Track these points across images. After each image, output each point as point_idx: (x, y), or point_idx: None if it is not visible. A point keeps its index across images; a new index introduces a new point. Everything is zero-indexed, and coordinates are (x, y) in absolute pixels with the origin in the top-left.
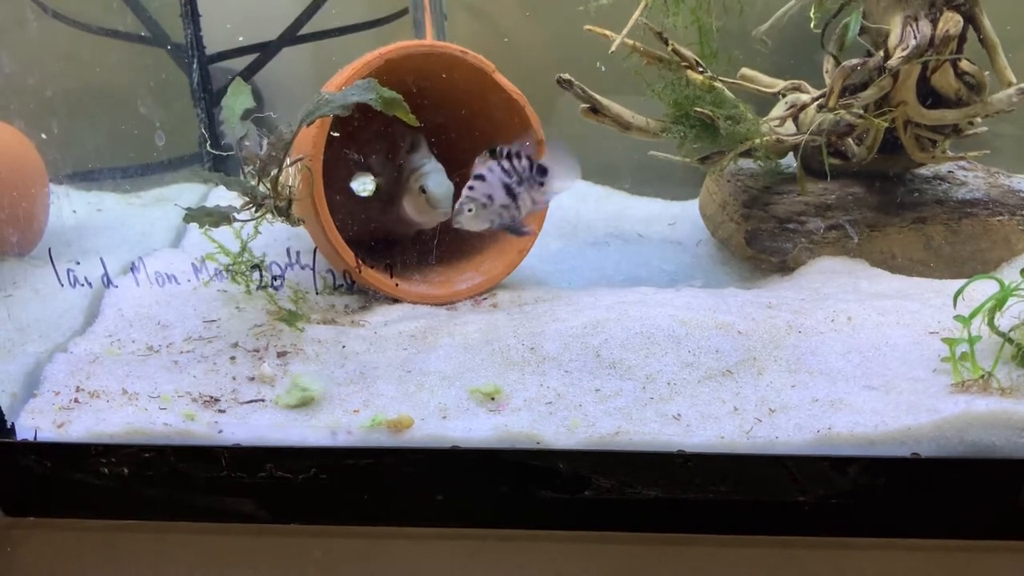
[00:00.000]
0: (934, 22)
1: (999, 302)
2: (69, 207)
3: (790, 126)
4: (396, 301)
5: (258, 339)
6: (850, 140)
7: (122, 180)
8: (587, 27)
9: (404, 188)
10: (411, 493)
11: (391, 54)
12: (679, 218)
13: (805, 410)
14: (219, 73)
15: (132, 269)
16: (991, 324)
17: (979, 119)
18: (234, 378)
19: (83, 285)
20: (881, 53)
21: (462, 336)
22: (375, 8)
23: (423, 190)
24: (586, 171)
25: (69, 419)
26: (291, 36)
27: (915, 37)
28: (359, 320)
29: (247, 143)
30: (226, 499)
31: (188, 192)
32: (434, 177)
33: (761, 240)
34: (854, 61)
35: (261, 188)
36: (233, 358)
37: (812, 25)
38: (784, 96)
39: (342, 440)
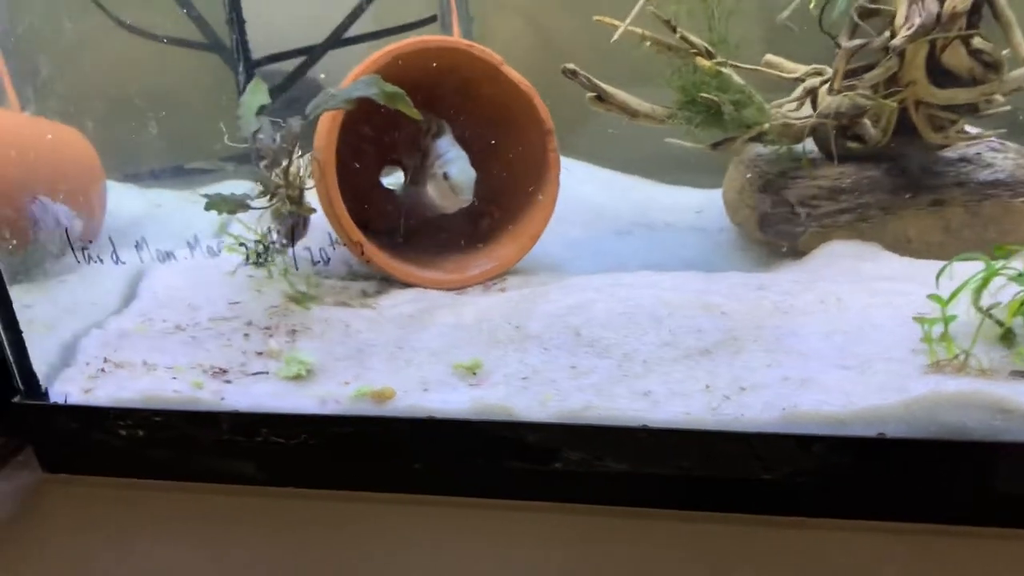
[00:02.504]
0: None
1: (984, 281)
2: (130, 204)
3: (807, 111)
4: (410, 286)
5: (271, 318)
6: (867, 122)
7: (179, 178)
8: (596, 17)
9: (428, 174)
10: (392, 460)
11: (400, 50)
12: (706, 206)
13: (775, 389)
14: (270, 76)
15: (169, 255)
16: (975, 303)
17: (1000, 98)
18: (244, 352)
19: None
20: (887, 33)
21: (457, 317)
22: (406, 13)
23: (446, 176)
24: (615, 161)
25: (95, 386)
26: (334, 41)
27: (920, 15)
28: (369, 303)
29: (261, 136)
30: (228, 461)
31: (239, 188)
32: (458, 164)
33: (773, 224)
34: (857, 41)
35: (274, 178)
36: (247, 335)
37: (811, 5)
38: (804, 81)
39: (330, 409)
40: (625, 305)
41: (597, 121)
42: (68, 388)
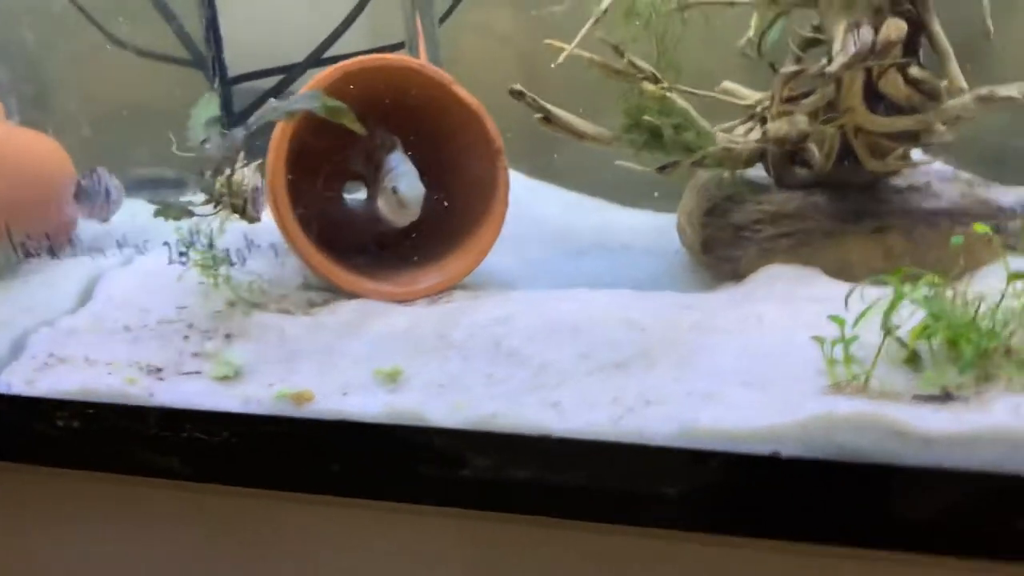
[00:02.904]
0: (876, 28)
1: (892, 304)
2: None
3: (756, 136)
4: (357, 297)
5: (213, 322)
6: (813, 148)
7: (155, 191)
8: (547, 40)
9: (378, 188)
10: (309, 461)
11: (350, 68)
12: (665, 229)
13: (678, 403)
14: (247, 94)
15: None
16: (884, 325)
17: (940, 127)
18: (180, 353)
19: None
20: (824, 60)
21: (389, 326)
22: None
23: (395, 191)
24: (585, 185)
25: (37, 378)
26: (312, 61)
27: (855, 43)
28: (312, 311)
29: (207, 146)
30: (156, 456)
31: None
32: (406, 179)
33: (716, 247)
34: (792, 68)
35: (218, 187)
36: (187, 337)
37: (751, 33)
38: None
39: (252, 408)
40: (549, 319)
41: (569, 144)
42: (12, 379)
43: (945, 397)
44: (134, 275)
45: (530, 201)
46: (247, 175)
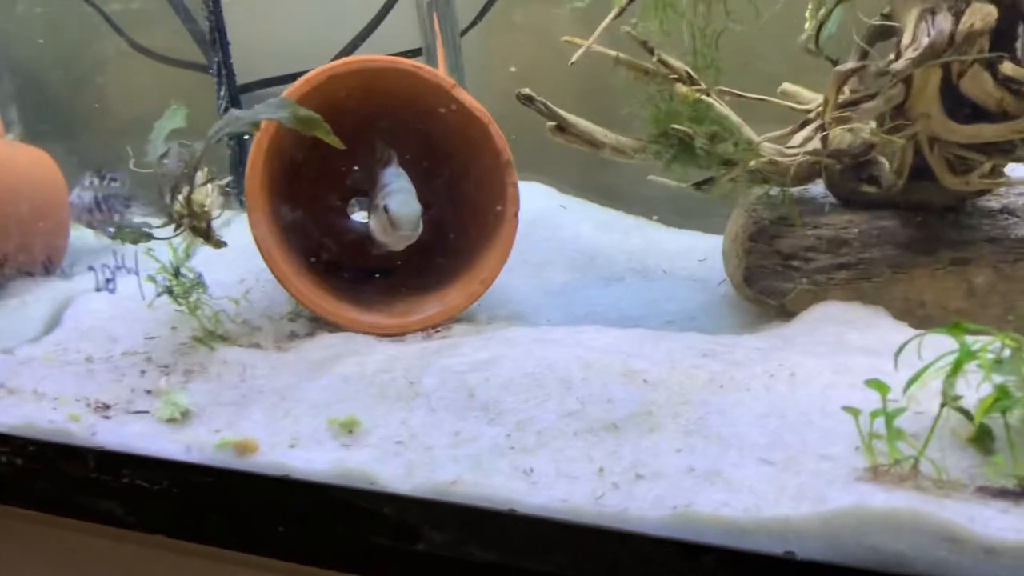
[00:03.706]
0: (957, 15)
1: (955, 366)
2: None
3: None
4: (342, 329)
5: (174, 356)
6: (883, 163)
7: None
8: (565, 38)
9: (372, 206)
10: (251, 519)
11: (336, 70)
12: (712, 253)
13: (675, 480)
14: (257, 101)
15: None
16: (946, 394)
17: None
18: (133, 390)
19: None
20: (892, 56)
21: (360, 366)
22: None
23: (386, 209)
24: (618, 200)
25: None
26: None
27: (928, 35)
28: (286, 346)
29: (166, 161)
30: (98, 500)
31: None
32: (398, 196)
33: (761, 279)
34: (849, 65)
35: (177, 207)
36: (144, 371)
37: (806, 26)
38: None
39: (193, 456)
40: (536, 364)
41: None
42: None
43: (1020, 493)
44: (107, 301)
45: (561, 220)
46: (211, 194)
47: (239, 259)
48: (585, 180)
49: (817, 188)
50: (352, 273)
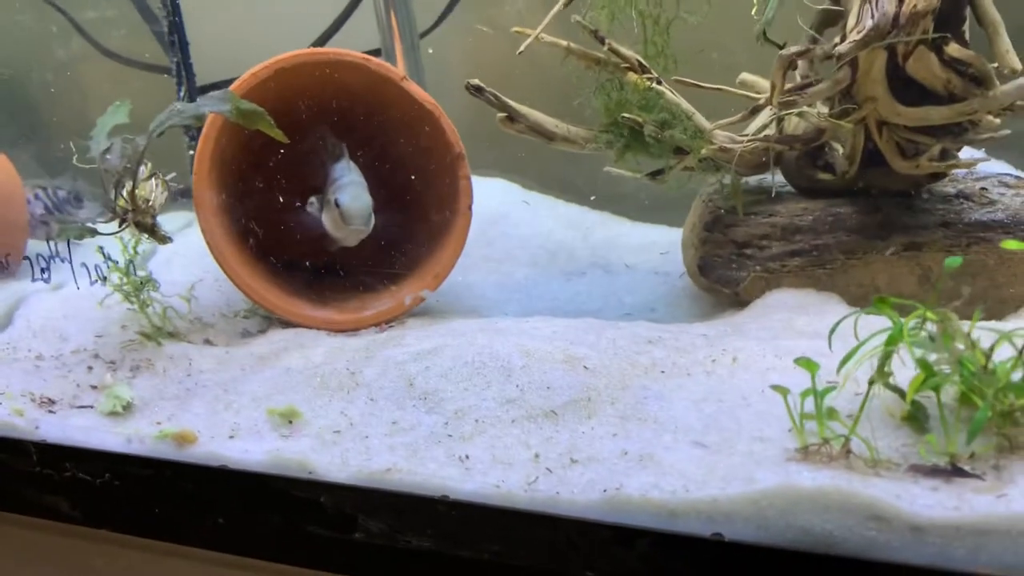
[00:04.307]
0: None
1: (887, 344)
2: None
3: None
4: (294, 325)
5: (123, 352)
6: (837, 149)
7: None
8: (514, 29)
9: (324, 201)
10: (191, 511)
11: (283, 63)
12: (675, 246)
13: (608, 464)
14: None
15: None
16: (880, 373)
17: (991, 118)
18: (78, 385)
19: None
20: (837, 39)
21: (305, 359)
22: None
23: (337, 204)
24: (586, 197)
25: None
26: None
27: (872, 16)
28: (240, 343)
29: (109, 156)
30: (44, 495)
31: (180, 219)
32: (349, 190)
33: (715, 268)
34: (793, 48)
35: (121, 202)
36: (90, 367)
37: (753, 12)
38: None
39: (134, 448)
40: (478, 353)
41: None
42: None
43: (951, 471)
44: (59, 300)
45: (523, 216)
46: (155, 188)
47: (200, 259)
48: (549, 175)
49: (778, 178)
50: (308, 269)
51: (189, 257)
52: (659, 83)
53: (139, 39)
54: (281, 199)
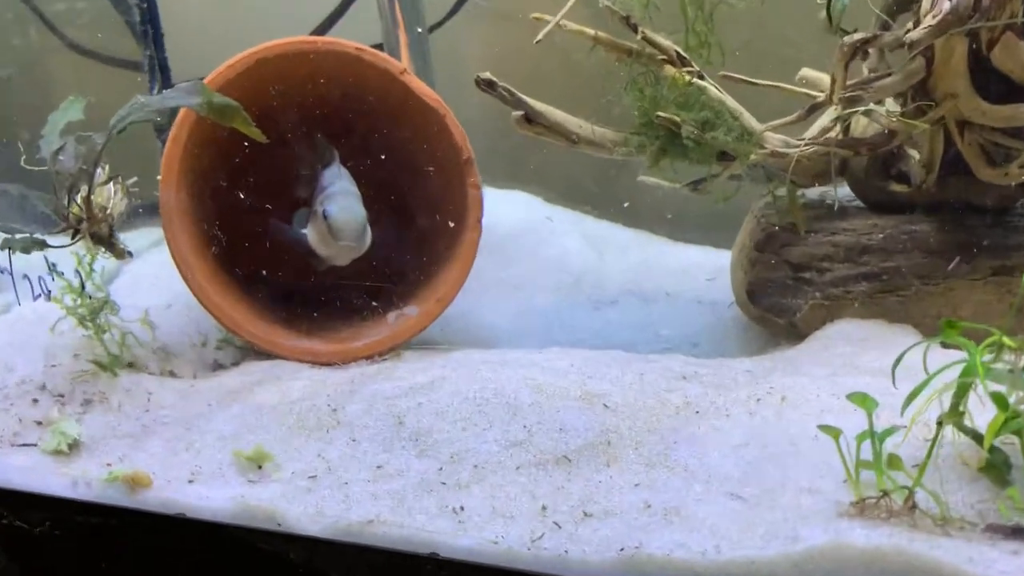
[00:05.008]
0: None
1: (962, 384)
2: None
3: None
4: (268, 356)
5: (72, 385)
6: (912, 155)
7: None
8: (534, 15)
9: (311, 212)
10: (141, 566)
11: (265, 53)
12: (723, 271)
13: (628, 519)
14: None
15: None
16: (952, 413)
17: None
18: (20, 420)
19: None
20: (910, 24)
21: (281, 394)
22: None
23: (325, 215)
24: (615, 212)
25: None
26: None
27: None
28: (205, 375)
29: (62, 157)
30: None
31: (151, 236)
32: (339, 200)
33: (767, 294)
34: (857, 36)
35: (74, 209)
36: (35, 400)
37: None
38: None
39: (80, 493)
40: (480, 388)
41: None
42: None
43: None
44: (5, 324)
45: (545, 233)
46: (114, 194)
47: (171, 282)
48: (575, 187)
49: (843, 190)
50: (291, 292)
51: (159, 279)
52: (701, 78)
53: (107, 29)
54: (261, 210)
